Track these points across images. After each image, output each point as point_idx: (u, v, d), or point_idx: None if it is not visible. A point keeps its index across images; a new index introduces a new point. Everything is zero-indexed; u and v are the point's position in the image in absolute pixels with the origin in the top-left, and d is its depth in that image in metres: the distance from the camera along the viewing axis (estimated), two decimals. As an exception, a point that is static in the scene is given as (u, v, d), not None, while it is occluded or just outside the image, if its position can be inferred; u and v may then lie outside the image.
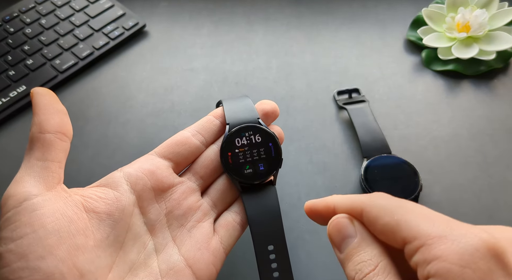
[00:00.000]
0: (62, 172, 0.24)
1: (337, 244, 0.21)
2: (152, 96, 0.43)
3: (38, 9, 0.47)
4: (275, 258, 0.26)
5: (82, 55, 0.45)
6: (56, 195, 0.23)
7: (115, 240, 0.24)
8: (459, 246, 0.17)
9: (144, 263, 0.25)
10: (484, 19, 0.42)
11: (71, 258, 0.21)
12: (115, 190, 0.25)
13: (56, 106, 0.24)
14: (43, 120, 0.24)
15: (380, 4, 0.50)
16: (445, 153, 0.38)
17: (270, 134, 0.28)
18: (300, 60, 0.45)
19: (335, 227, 0.21)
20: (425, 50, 0.45)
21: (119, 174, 0.26)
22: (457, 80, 0.43)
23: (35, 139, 0.23)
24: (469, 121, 0.40)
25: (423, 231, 0.18)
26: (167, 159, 0.27)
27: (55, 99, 0.25)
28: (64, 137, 0.24)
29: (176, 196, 0.27)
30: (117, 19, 0.48)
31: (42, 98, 0.24)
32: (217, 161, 0.28)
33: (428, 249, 0.17)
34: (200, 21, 0.49)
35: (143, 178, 0.26)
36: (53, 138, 0.23)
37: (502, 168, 0.36)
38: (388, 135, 0.38)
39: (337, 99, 0.41)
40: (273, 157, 0.28)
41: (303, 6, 0.50)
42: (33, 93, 0.24)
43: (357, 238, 0.20)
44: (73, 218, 0.22)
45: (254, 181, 0.28)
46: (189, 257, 0.25)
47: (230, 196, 0.28)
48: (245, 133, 0.28)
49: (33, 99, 0.24)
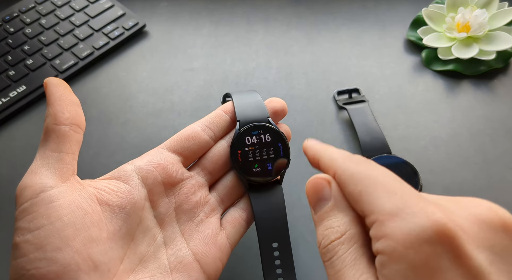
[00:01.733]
0: (76, 164, 0.24)
1: (312, 204, 0.21)
2: (152, 96, 0.43)
3: (38, 9, 0.47)
4: (279, 255, 0.27)
5: (82, 55, 0.45)
6: (71, 187, 0.23)
7: (126, 232, 0.24)
8: (407, 226, 0.16)
9: (154, 256, 0.25)
10: (484, 19, 0.42)
11: (86, 250, 0.22)
12: (127, 183, 0.25)
13: (70, 97, 0.24)
14: (58, 111, 0.24)
15: (380, 4, 0.50)
16: (445, 153, 0.38)
17: (279, 134, 0.28)
18: (300, 60, 0.45)
19: (313, 187, 0.21)
20: (425, 50, 0.45)
21: (130, 167, 0.26)
22: (457, 80, 0.43)
23: (50, 130, 0.23)
24: (469, 121, 0.40)
25: (379, 206, 0.17)
26: (176, 153, 0.28)
27: (69, 90, 0.25)
28: (78, 128, 0.24)
29: (185, 191, 0.27)
30: (117, 19, 0.48)
31: (56, 89, 0.24)
32: (226, 156, 0.28)
33: (379, 225, 0.17)
34: (200, 21, 0.49)
35: (153, 172, 0.26)
36: (68, 130, 0.23)
37: (502, 168, 0.36)
38: (388, 135, 0.38)
39: (337, 99, 0.41)
40: (281, 157, 0.28)
41: (303, 6, 0.50)
42: (47, 84, 0.24)
43: (331, 202, 0.20)
44: (88, 211, 0.23)
45: (262, 180, 0.28)
46: (197, 252, 0.26)
47: (237, 192, 0.29)
48: (256, 132, 0.28)
49: (48, 89, 0.24)
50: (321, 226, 0.20)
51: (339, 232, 0.19)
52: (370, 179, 0.18)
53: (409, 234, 0.16)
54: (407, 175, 0.34)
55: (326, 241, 0.19)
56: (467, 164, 0.37)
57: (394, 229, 0.16)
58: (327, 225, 0.19)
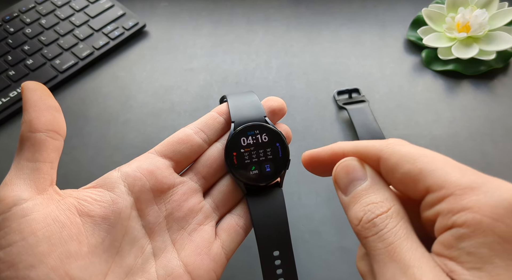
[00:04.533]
0: (54, 173, 0.23)
1: (342, 187, 0.20)
2: (152, 96, 0.43)
3: (38, 9, 0.47)
4: (281, 264, 0.25)
5: (82, 55, 0.45)
6: (48, 199, 0.22)
7: (111, 245, 0.23)
8: (492, 199, 0.16)
9: (142, 268, 0.23)
10: (484, 19, 0.42)
11: (63, 266, 0.20)
12: (112, 191, 0.24)
13: (48, 101, 0.23)
14: (33, 118, 0.22)
15: (380, 4, 0.50)
16: (445, 153, 0.37)
17: (277, 134, 0.27)
18: (300, 60, 0.45)
19: (343, 169, 0.20)
20: (425, 50, 0.45)
21: (116, 174, 0.25)
22: (457, 80, 0.43)
23: (25, 138, 0.22)
24: (469, 121, 0.40)
25: (452, 181, 0.17)
26: (167, 158, 0.26)
27: (46, 93, 0.23)
28: (57, 135, 0.23)
29: (176, 198, 0.25)
30: (117, 19, 0.48)
31: (32, 93, 0.23)
32: (221, 160, 0.27)
33: (457, 199, 0.17)
34: (200, 21, 0.49)
35: (141, 179, 0.25)
36: (44, 137, 0.22)
37: (502, 168, 0.36)
38: (388, 135, 0.38)
39: (337, 99, 0.41)
40: (280, 157, 0.27)
41: (303, 6, 0.50)
42: (23, 88, 0.23)
43: (368, 180, 0.20)
44: (66, 223, 0.21)
45: (260, 183, 0.26)
46: (188, 263, 0.24)
47: (233, 198, 0.27)
48: (252, 132, 0.26)
49: (24, 94, 0.23)
50: (358, 204, 0.19)
51: (385, 207, 0.18)
52: (428, 157, 0.19)
53: (496, 207, 0.16)
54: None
55: (371, 215, 0.18)
56: (467, 164, 0.37)
57: (478, 202, 0.16)
58: (368, 201, 0.19)
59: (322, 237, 0.33)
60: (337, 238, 0.33)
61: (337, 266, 0.31)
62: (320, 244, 0.32)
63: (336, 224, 0.33)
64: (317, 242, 0.33)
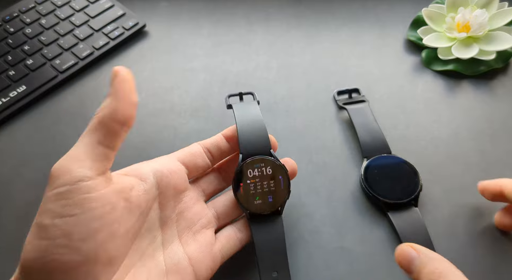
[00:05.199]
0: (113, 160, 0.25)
1: (406, 268, 0.24)
2: (152, 96, 0.43)
3: (38, 9, 0.47)
4: None
5: (82, 55, 0.45)
6: (105, 181, 0.23)
7: (136, 229, 0.25)
8: None
9: (152, 255, 0.26)
10: (484, 19, 0.42)
11: (106, 244, 0.22)
12: (144, 182, 0.26)
13: (133, 97, 0.24)
14: (119, 108, 0.23)
15: (380, 4, 0.50)
16: (445, 153, 0.38)
17: (281, 168, 0.30)
18: (300, 60, 0.45)
19: (401, 255, 0.24)
20: (425, 50, 0.45)
21: (147, 167, 0.27)
22: (457, 80, 0.43)
23: (105, 124, 0.23)
24: (469, 121, 0.40)
25: None
26: (184, 164, 0.29)
27: (133, 88, 0.25)
28: (128, 129, 0.25)
29: (187, 200, 0.29)
30: (117, 19, 0.48)
31: (124, 85, 0.24)
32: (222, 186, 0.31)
33: None
34: (200, 21, 0.49)
35: (167, 176, 0.27)
36: (120, 129, 0.24)
37: (502, 168, 0.36)
38: (388, 135, 0.38)
39: (337, 99, 0.41)
40: (282, 189, 0.29)
41: (303, 6, 0.50)
42: (117, 74, 0.24)
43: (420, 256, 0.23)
44: (115, 206, 0.23)
45: (263, 212, 0.29)
46: (192, 257, 0.27)
47: (235, 213, 0.30)
48: (258, 165, 0.30)
49: (115, 81, 0.24)
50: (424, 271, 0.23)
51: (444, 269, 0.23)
52: None
53: None
54: (407, 175, 0.34)
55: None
56: (467, 164, 0.37)
57: None
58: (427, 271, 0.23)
59: (322, 237, 0.33)
60: (337, 238, 0.33)
61: (337, 266, 0.31)
62: (320, 244, 0.32)
63: (336, 224, 0.33)
64: (317, 242, 0.33)
